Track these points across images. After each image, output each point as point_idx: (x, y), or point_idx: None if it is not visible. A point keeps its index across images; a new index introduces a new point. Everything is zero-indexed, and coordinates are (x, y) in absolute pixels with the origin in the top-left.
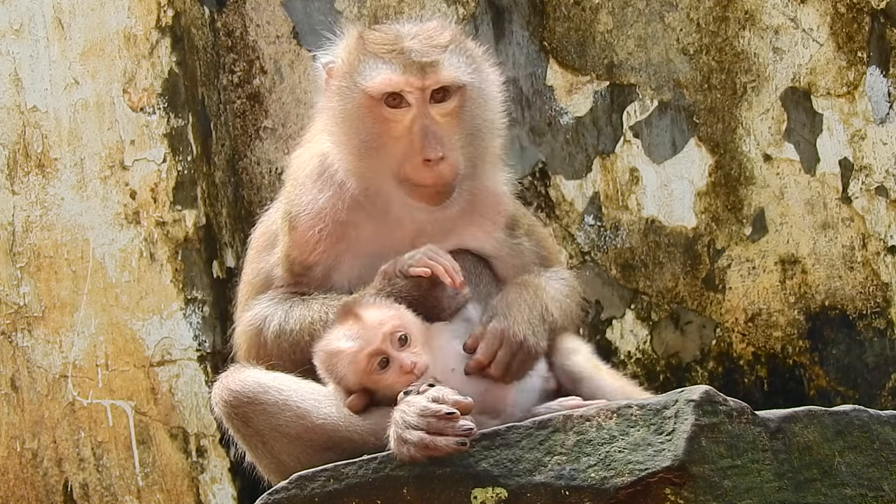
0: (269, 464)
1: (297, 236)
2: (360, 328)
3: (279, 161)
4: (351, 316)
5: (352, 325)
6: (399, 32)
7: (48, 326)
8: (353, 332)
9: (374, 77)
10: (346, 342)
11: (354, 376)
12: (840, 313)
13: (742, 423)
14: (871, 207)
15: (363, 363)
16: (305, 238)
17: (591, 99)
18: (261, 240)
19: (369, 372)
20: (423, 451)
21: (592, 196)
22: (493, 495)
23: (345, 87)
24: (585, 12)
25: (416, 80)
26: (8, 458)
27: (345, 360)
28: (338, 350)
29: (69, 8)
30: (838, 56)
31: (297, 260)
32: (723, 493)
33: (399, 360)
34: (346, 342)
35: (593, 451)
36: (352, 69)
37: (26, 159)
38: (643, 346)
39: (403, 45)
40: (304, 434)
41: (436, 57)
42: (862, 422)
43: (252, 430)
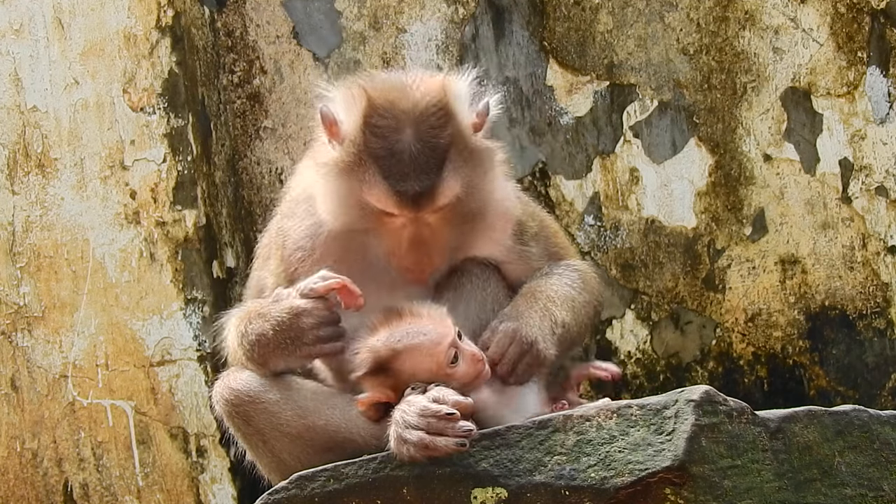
0: (270, 463)
1: (285, 253)
2: (426, 324)
3: (279, 161)
4: (403, 315)
5: (412, 322)
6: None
7: (48, 326)
8: (418, 328)
9: (371, 192)
10: (419, 337)
11: (430, 371)
12: (840, 313)
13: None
14: (871, 207)
15: (442, 356)
16: (291, 255)
17: (591, 99)
18: (262, 251)
19: (446, 365)
20: (423, 451)
21: (592, 196)
22: (493, 495)
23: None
24: (585, 12)
25: (409, 211)
26: (8, 458)
27: (423, 354)
28: (415, 345)
29: (69, 8)
30: (838, 56)
31: (283, 275)
32: (723, 493)
33: (470, 350)
34: (419, 337)
35: (593, 451)
36: (352, 161)
37: (26, 159)
38: (643, 346)
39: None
40: (305, 434)
41: (432, 181)
42: (862, 422)
43: (253, 429)
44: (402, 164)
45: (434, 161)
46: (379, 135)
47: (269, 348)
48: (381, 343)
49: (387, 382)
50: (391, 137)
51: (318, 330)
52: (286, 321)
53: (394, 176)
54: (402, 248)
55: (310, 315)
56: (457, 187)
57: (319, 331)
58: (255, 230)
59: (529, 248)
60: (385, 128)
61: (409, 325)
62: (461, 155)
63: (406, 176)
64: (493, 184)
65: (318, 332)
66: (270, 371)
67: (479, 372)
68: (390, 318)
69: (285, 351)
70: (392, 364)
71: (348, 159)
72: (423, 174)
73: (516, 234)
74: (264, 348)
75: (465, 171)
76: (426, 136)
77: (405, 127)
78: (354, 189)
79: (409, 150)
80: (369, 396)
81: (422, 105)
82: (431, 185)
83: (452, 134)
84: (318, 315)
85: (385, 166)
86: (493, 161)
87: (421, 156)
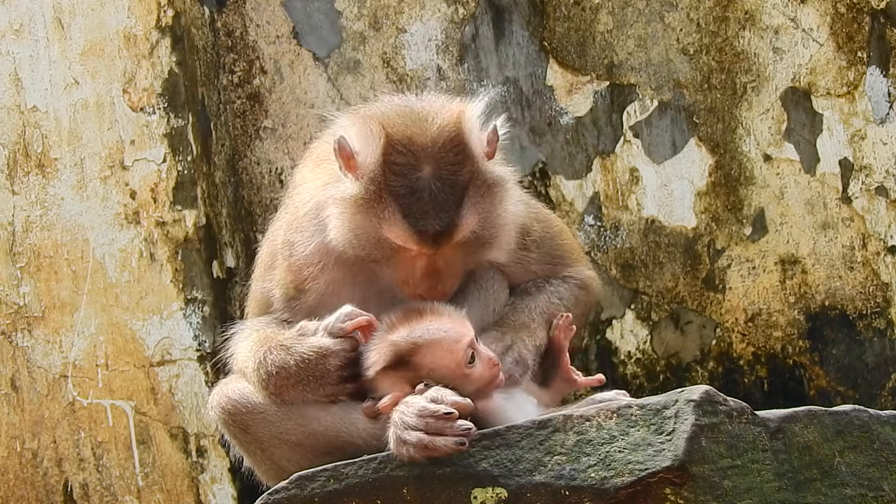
0: (269, 469)
1: (292, 266)
2: (446, 321)
3: (279, 161)
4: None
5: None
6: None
7: (48, 326)
8: (439, 324)
9: (391, 229)
10: (440, 333)
11: (449, 369)
12: (840, 313)
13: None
14: (871, 207)
15: (461, 354)
16: (299, 267)
17: (591, 99)
18: (265, 259)
19: (465, 364)
20: (422, 451)
21: (592, 196)
22: (493, 495)
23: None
24: (585, 12)
25: (429, 248)
26: (8, 458)
27: (443, 350)
28: (436, 340)
29: (69, 8)
30: (838, 56)
31: (292, 284)
32: (723, 493)
33: (486, 353)
34: (441, 333)
35: (593, 451)
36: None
37: (26, 159)
38: (643, 346)
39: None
40: (305, 441)
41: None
42: (862, 422)
43: (251, 437)
44: (422, 203)
45: (453, 198)
46: (398, 173)
47: (289, 382)
48: (401, 338)
49: (405, 377)
50: (411, 175)
51: (343, 371)
52: (312, 360)
53: (414, 214)
54: (415, 277)
55: (337, 357)
56: (474, 222)
57: (344, 372)
58: (255, 230)
59: (530, 252)
60: (404, 165)
61: (430, 322)
62: (479, 189)
63: (426, 214)
64: (506, 210)
65: (343, 373)
66: (281, 402)
67: (494, 376)
68: (411, 316)
69: (307, 388)
70: (412, 358)
71: (367, 196)
72: (443, 212)
73: (519, 240)
74: (284, 381)
75: (483, 204)
76: (445, 174)
77: (424, 165)
78: (373, 225)
79: (429, 188)
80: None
81: (440, 141)
82: (451, 223)
83: (470, 170)
84: (344, 357)
85: (405, 205)
86: (507, 188)
87: (441, 194)
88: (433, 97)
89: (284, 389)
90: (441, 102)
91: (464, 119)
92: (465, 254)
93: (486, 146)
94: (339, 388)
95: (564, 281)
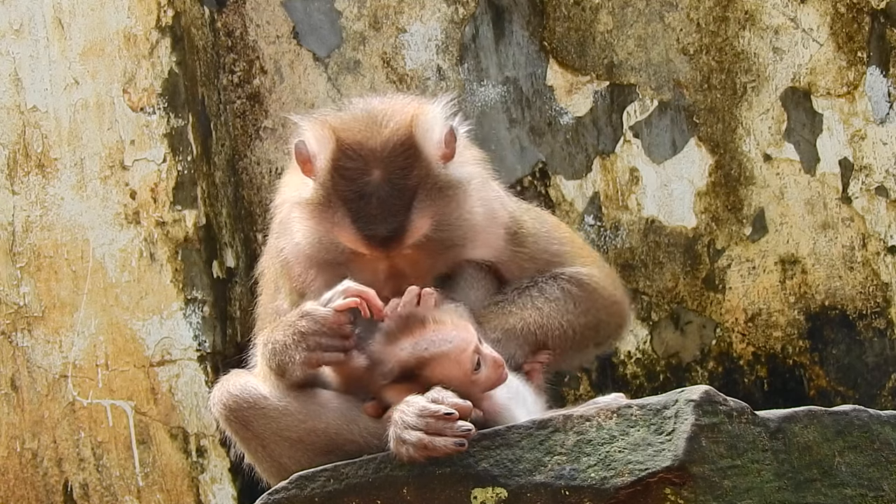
0: (270, 467)
1: (288, 269)
2: (449, 330)
3: (279, 161)
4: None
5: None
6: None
7: (48, 326)
8: (442, 335)
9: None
10: (444, 345)
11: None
12: (840, 313)
13: (742, 423)
14: (871, 207)
15: (467, 363)
16: (295, 270)
17: (591, 99)
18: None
19: (471, 371)
20: (422, 451)
21: (592, 196)
22: (493, 495)
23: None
24: (585, 12)
25: (379, 253)
26: (8, 458)
27: (449, 361)
28: (441, 353)
29: (69, 8)
30: (838, 56)
31: (293, 289)
32: (723, 493)
33: (491, 356)
34: (445, 345)
35: (593, 451)
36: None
37: (26, 159)
38: (643, 346)
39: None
40: (305, 438)
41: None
42: (862, 422)
43: (252, 434)
44: (371, 207)
45: (402, 203)
46: (347, 177)
47: (281, 355)
48: (406, 352)
49: (414, 389)
50: (359, 181)
51: (318, 337)
52: (291, 323)
53: (362, 219)
54: (380, 280)
55: (311, 319)
56: (425, 226)
57: (321, 338)
58: (255, 230)
59: (523, 249)
60: (353, 170)
61: (434, 332)
62: (430, 193)
63: (374, 219)
64: (469, 210)
65: (318, 338)
66: (288, 381)
67: (500, 376)
68: (413, 326)
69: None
70: (419, 372)
71: (319, 200)
72: (391, 216)
73: (509, 236)
74: (279, 355)
75: (435, 207)
76: (394, 178)
77: (373, 169)
78: (326, 230)
79: (377, 193)
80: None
81: (390, 145)
82: (398, 227)
83: (420, 173)
84: (318, 319)
85: (353, 209)
86: (467, 189)
87: (389, 199)
88: (397, 99)
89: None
90: (401, 104)
91: (417, 121)
92: (428, 256)
93: (444, 147)
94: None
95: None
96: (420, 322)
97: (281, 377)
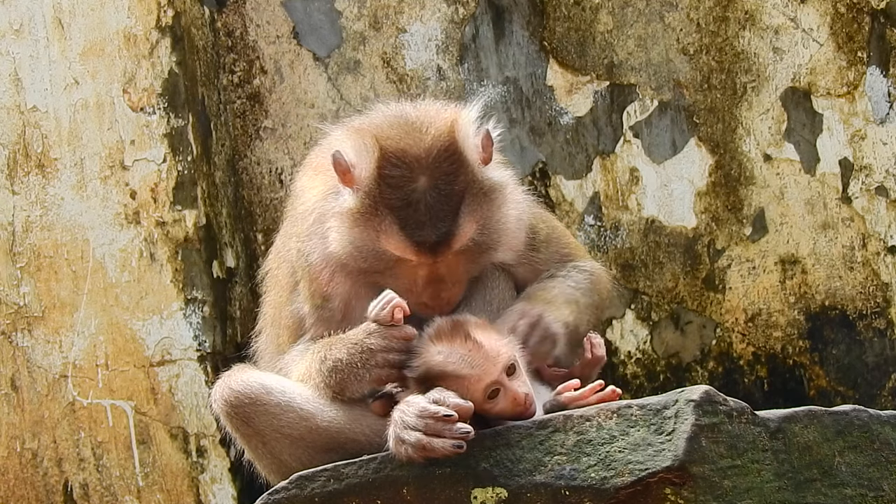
0: (270, 464)
1: (311, 272)
2: (479, 356)
3: (279, 161)
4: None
5: (470, 350)
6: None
7: (48, 326)
8: (471, 358)
9: (389, 241)
10: (466, 368)
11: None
12: (840, 313)
13: (742, 423)
14: (871, 207)
15: (479, 393)
16: (319, 274)
17: (591, 99)
18: (284, 280)
19: (483, 401)
20: (420, 452)
21: (592, 196)
22: (493, 495)
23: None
24: (585, 12)
25: (427, 258)
26: (8, 458)
27: (465, 384)
28: (456, 375)
29: (69, 8)
30: (838, 56)
31: (316, 293)
32: (723, 493)
33: (512, 392)
34: (466, 368)
35: (593, 451)
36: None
37: (26, 159)
38: (643, 346)
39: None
40: (307, 436)
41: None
42: (862, 422)
43: (252, 430)
44: (419, 214)
45: (450, 208)
46: (393, 185)
47: (343, 373)
48: (437, 358)
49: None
50: (406, 188)
51: (387, 353)
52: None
53: (410, 225)
54: (418, 287)
55: (379, 335)
56: (472, 230)
57: (389, 354)
58: (255, 230)
59: (539, 253)
60: (399, 178)
61: (467, 351)
62: (475, 197)
63: (423, 224)
64: (507, 214)
65: (387, 355)
66: (347, 398)
67: (519, 413)
68: (456, 335)
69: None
70: (439, 382)
71: (364, 209)
72: (440, 222)
73: (528, 241)
74: (340, 373)
75: (480, 211)
76: (441, 184)
77: (419, 176)
78: (371, 238)
79: (425, 199)
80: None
81: (433, 151)
82: (448, 232)
83: (465, 178)
84: (387, 335)
85: (401, 216)
86: (506, 193)
87: (437, 204)
88: (428, 105)
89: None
90: (435, 110)
91: (457, 127)
92: (467, 260)
93: (482, 151)
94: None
95: (576, 269)
96: (463, 336)
97: (339, 394)
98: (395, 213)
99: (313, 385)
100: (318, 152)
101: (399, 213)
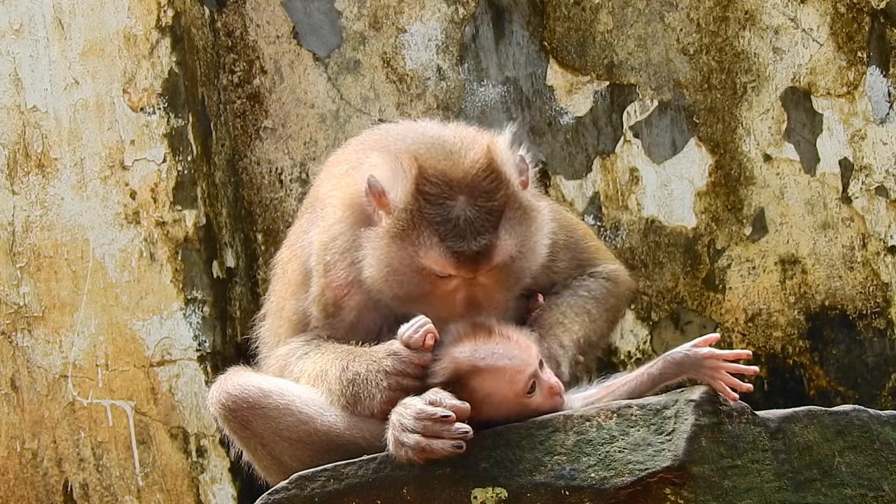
0: (270, 465)
1: (330, 280)
2: (514, 348)
3: (279, 161)
4: (492, 334)
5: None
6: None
7: (48, 326)
8: (505, 350)
9: (429, 254)
10: (503, 360)
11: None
12: (840, 313)
13: (742, 423)
14: (871, 207)
15: (521, 385)
16: (338, 284)
17: (591, 99)
18: (294, 277)
19: (524, 394)
20: (420, 454)
21: (592, 196)
22: (493, 495)
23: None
24: (585, 12)
25: (467, 271)
26: (8, 458)
27: (503, 378)
28: (498, 367)
29: (69, 8)
30: (838, 56)
31: (331, 301)
32: (723, 493)
33: (548, 382)
34: (504, 360)
35: (593, 451)
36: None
37: (26, 159)
38: (643, 346)
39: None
40: (306, 438)
41: (489, 240)
42: (862, 422)
43: (251, 433)
44: (459, 227)
45: (490, 222)
46: (433, 202)
47: (359, 387)
48: (464, 356)
49: (459, 396)
50: (446, 204)
51: (401, 377)
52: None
53: (451, 237)
54: (455, 311)
55: (397, 359)
56: (512, 246)
57: (403, 378)
58: (255, 230)
59: (557, 261)
60: (438, 195)
61: (497, 345)
62: (515, 214)
63: (463, 237)
64: (542, 239)
65: (401, 378)
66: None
67: (554, 405)
68: (478, 333)
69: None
70: (470, 380)
71: (401, 226)
72: (480, 235)
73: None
74: (356, 386)
75: (519, 230)
76: (480, 201)
77: (458, 195)
78: (409, 255)
79: (465, 213)
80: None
81: (473, 172)
82: (488, 244)
83: (505, 194)
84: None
85: (441, 230)
86: (543, 219)
87: (477, 219)
88: (460, 127)
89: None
90: (469, 135)
91: (495, 150)
92: (504, 282)
93: (519, 175)
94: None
95: (592, 276)
96: (487, 331)
97: (351, 407)
98: (434, 227)
99: (327, 389)
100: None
101: (438, 227)
